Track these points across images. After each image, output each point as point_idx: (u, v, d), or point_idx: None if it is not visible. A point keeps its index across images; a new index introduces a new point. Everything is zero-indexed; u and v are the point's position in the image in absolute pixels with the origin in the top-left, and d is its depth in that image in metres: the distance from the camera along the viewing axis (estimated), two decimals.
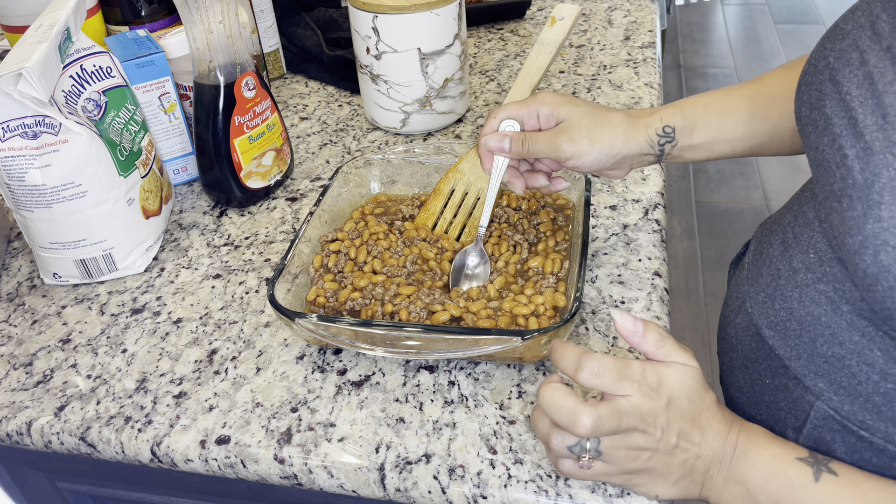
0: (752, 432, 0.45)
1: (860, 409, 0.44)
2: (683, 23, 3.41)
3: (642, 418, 0.42)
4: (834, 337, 0.45)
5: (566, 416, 0.42)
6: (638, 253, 0.66)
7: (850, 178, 0.40)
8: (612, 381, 0.42)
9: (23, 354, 0.61)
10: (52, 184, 0.61)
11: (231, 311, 0.63)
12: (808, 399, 0.47)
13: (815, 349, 0.46)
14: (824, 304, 0.45)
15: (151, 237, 0.69)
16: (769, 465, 0.43)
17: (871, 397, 0.43)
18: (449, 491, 0.48)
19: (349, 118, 0.92)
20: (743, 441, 0.44)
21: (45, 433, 0.54)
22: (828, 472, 0.43)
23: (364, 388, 0.55)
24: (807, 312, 0.46)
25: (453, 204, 0.68)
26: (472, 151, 0.68)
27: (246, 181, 0.74)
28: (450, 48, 0.81)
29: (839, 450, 0.46)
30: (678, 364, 0.44)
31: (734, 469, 0.44)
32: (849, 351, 0.44)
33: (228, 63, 0.70)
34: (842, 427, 0.45)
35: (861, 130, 0.39)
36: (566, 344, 0.45)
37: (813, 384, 0.46)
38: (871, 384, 0.43)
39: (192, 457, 0.52)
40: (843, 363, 0.44)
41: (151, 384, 0.57)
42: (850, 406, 0.44)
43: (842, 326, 0.44)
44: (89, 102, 0.65)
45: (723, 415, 0.45)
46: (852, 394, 0.44)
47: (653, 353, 0.45)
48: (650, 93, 0.91)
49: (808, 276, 0.46)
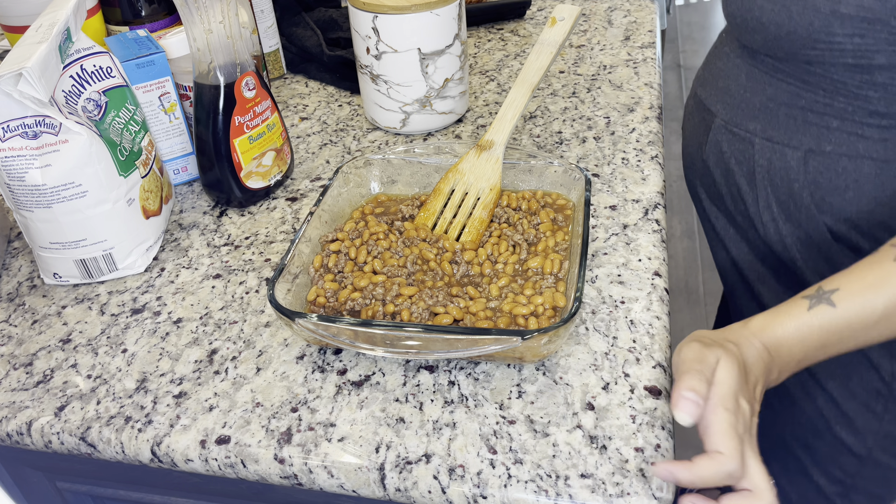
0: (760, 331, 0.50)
1: (734, 115, 0.70)
2: (683, 23, 3.41)
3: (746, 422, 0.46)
4: (726, 75, 0.72)
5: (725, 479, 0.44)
6: (638, 253, 0.66)
7: None
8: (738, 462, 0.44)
9: (23, 354, 0.61)
10: (53, 184, 0.61)
11: (231, 311, 0.63)
12: (711, 119, 0.74)
13: (716, 86, 0.73)
14: (723, 59, 0.73)
15: (151, 237, 0.69)
16: (799, 336, 0.50)
17: (739, 105, 0.69)
18: (449, 491, 0.48)
19: (349, 118, 0.92)
20: (766, 343, 0.50)
21: (45, 433, 0.54)
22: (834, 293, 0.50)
23: (364, 388, 0.55)
24: (716, 67, 0.75)
25: (453, 204, 0.68)
26: (473, 151, 0.68)
27: (246, 181, 0.74)
28: (450, 48, 0.81)
29: (724, 146, 0.72)
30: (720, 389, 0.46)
31: (780, 363, 0.51)
32: (731, 81, 0.71)
33: (228, 63, 0.70)
34: (725, 130, 0.71)
35: None
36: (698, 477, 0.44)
37: (714, 108, 0.73)
38: (739, 97, 0.69)
39: (192, 457, 0.52)
40: (728, 90, 0.71)
41: (151, 384, 0.57)
42: (730, 114, 0.71)
43: (729, 67, 0.72)
44: (89, 102, 0.65)
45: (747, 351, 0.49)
46: (731, 106, 0.70)
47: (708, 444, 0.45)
48: (650, 93, 0.91)
49: (719, 45, 0.76)
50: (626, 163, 0.78)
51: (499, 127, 0.70)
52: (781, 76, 0.64)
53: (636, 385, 0.54)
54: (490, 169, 0.69)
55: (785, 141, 0.64)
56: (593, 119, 0.86)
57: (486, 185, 0.68)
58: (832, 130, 0.61)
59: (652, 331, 0.58)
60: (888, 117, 0.59)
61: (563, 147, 0.82)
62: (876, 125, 0.59)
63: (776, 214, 0.68)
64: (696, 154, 0.78)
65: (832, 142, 0.61)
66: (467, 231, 0.66)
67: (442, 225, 0.67)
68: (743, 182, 0.70)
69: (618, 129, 0.84)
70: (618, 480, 0.48)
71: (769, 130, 0.65)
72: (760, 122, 0.66)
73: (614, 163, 0.78)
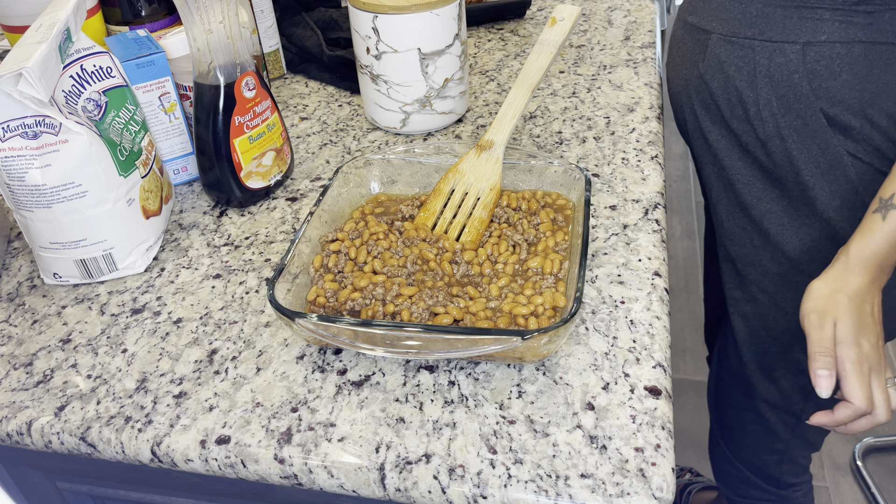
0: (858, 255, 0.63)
1: (731, 26, 0.75)
2: None
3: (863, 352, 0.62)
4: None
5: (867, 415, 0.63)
6: (638, 253, 0.66)
7: None
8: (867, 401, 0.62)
9: (23, 354, 0.61)
10: (53, 184, 0.61)
11: (231, 311, 0.63)
12: (707, 37, 0.79)
13: (710, 6, 0.78)
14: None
15: (151, 237, 0.69)
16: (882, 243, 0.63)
17: (735, 17, 0.75)
18: (449, 491, 0.48)
19: (349, 118, 0.92)
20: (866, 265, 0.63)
21: (45, 433, 0.54)
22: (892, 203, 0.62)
23: (364, 388, 0.55)
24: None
25: (453, 204, 0.68)
26: (473, 152, 0.68)
27: (246, 181, 0.74)
28: (450, 48, 0.81)
29: (723, 56, 0.77)
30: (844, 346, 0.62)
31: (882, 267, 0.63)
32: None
33: (228, 63, 0.70)
34: (724, 41, 0.76)
35: None
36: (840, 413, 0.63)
37: (710, 26, 0.78)
38: (735, 9, 0.75)
39: (192, 457, 0.52)
40: (723, 7, 0.76)
41: (151, 384, 0.57)
42: (727, 27, 0.76)
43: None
44: (89, 102, 0.65)
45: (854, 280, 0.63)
46: (727, 20, 0.76)
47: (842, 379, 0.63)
48: (650, 93, 0.91)
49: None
50: (626, 163, 0.78)
51: (499, 127, 0.70)
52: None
53: (636, 385, 0.54)
54: (490, 169, 0.69)
55: (783, 38, 0.71)
56: (593, 119, 0.86)
57: (486, 186, 0.68)
58: (825, 21, 0.69)
59: (652, 331, 0.58)
60: (871, 3, 0.67)
61: (563, 147, 0.82)
62: (862, 11, 0.67)
63: (775, 109, 0.73)
64: (691, 73, 0.83)
65: (825, 31, 0.69)
66: (467, 231, 0.66)
67: (442, 225, 0.67)
68: (743, 85, 0.75)
69: (618, 129, 0.84)
70: (618, 480, 0.48)
71: (767, 32, 0.72)
72: (758, 26, 0.72)
73: (614, 163, 0.78)
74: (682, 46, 0.86)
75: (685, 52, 0.85)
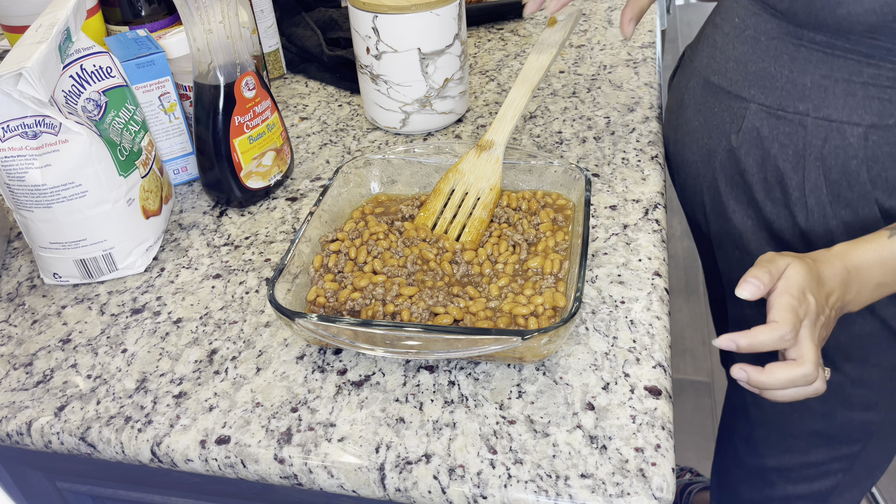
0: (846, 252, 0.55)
1: (777, 97, 0.65)
2: (683, 23, 3.41)
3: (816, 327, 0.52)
4: (758, 58, 0.67)
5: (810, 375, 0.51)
6: (638, 253, 0.66)
7: None
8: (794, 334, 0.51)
9: (23, 354, 0.61)
10: (52, 184, 0.61)
11: (231, 311, 0.63)
12: (744, 106, 0.68)
13: (747, 71, 0.68)
14: (749, 43, 0.68)
15: (151, 237, 0.69)
16: (879, 258, 0.55)
17: (783, 87, 0.65)
18: (449, 491, 0.48)
19: (349, 118, 0.92)
20: (848, 262, 0.55)
21: (45, 433, 0.54)
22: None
23: (364, 388, 0.55)
24: (738, 52, 0.69)
25: (453, 204, 0.68)
26: (473, 152, 0.68)
27: (246, 181, 0.74)
28: (450, 48, 0.81)
29: (764, 130, 0.67)
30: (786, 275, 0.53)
31: (859, 283, 0.55)
32: (768, 63, 0.66)
33: (228, 63, 0.70)
34: (767, 114, 0.66)
35: None
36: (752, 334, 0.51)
37: (747, 94, 0.68)
38: (783, 78, 0.65)
39: (192, 457, 0.52)
40: (766, 72, 0.66)
41: (151, 384, 0.57)
42: (771, 98, 0.66)
43: (762, 50, 0.66)
44: (89, 102, 0.65)
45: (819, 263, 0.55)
46: (772, 89, 0.66)
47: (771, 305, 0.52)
48: (650, 93, 0.91)
49: (736, 32, 0.69)
50: (626, 163, 0.78)
51: (499, 127, 0.70)
52: (839, 52, 0.61)
53: (636, 385, 0.54)
54: (490, 169, 0.69)
55: (844, 118, 0.62)
56: (593, 119, 0.86)
57: (486, 186, 0.68)
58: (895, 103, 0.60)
59: (652, 331, 0.58)
60: None
61: (563, 147, 0.82)
62: None
63: (824, 196, 0.65)
64: (718, 144, 0.73)
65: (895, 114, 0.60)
66: (467, 231, 0.66)
67: (442, 225, 0.67)
68: (787, 167, 0.66)
69: (618, 129, 0.84)
70: (618, 480, 0.47)
71: (824, 109, 0.63)
72: (813, 101, 0.63)
73: (614, 163, 0.78)
74: (703, 110, 0.74)
75: (709, 118, 0.73)
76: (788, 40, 0.64)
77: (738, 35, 0.69)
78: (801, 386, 0.52)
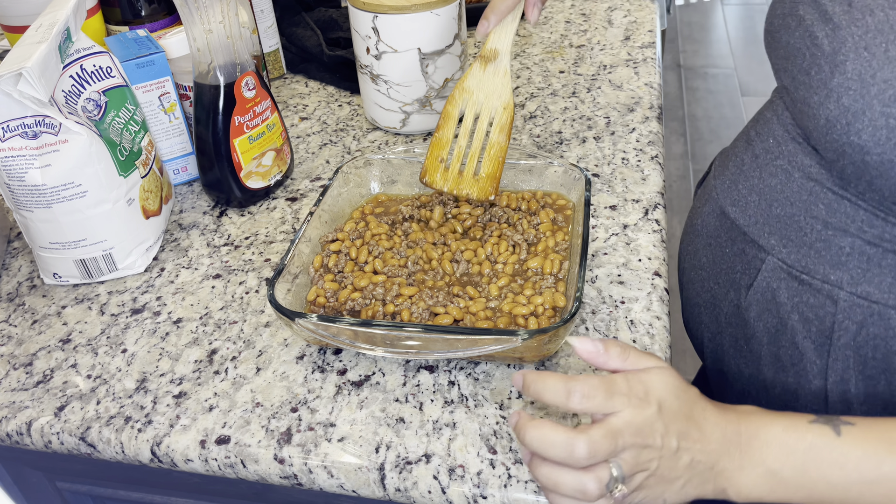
0: (751, 413, 0.44)
1: (804, 256, 0.52)
2: (683, 23, 3.41)
3: (639, 431, 0.41)
4: (787, 199, 0.53)
5: (561, 451, 0.40)
6: (638, 253, 0.66)
7: (819, 51, 0.47)
8: (602, 400, 0.41)
9: (23, 354, 0.61)
10: (52, 184, 0.61)
11: (231, 311, 0.63)
12: (760, 257, 0.55)
13: (770, 213, 0.54)
14: (780, 176, 0.54)
15: (151, 237, 0.69)
16: (785, 438, 0.43)
17: (813, 245, 0.51)
18: (449, 491, 0.48)
19: (349, 118, 0.92)
20: (745, 424, 0.44)
21: (45, 433, 0.54)
22: (845, 425, 0.43)
23: (364, 388, 0.55)
24: (765, 185, 0.55)
25: (466, 130, 0.62)
26: (477, 64, 0.62)
27: (246, 181, 0.74)
28: (450, 48, 0.81)
29: (783, 296, 0.53)
30: (653, 368, 0.44)
31: (747, 454, 0.43)
32: (798, 209, 0.52)
33: (228, 63, 0.70)
34: (787, 275, 0.53)
35: (830, 16, 0.47)
36: (540, 373, 0.43)
37: (766, 242, 0.54)
38: (815, 233, 0.51)
39: (192, 457, 0.52)
40: (793, 220, 0.52)
41: (151, 384, 0.57)
42: (795, 255, 0.52)
43: (793, 190, 0.52)
44: (89, 102, 0.65)
45: (713, 405, 0.44)
46: (798, 244, 0.52)
47: (621, 367, 0.44)
48: (650, 93, 0.91)
49: (767, 157, 0.55)
50: (626, 163, 0.78)
51: (500, 32, 0.63)
52: (893, 218, 0.47)
53: None
54: (500, 83, 0.62)
55: (891, 301, 0.48)
56: (593, 119, 0.86)
57: (498, 104, 0.61)
58: None
59: (652, 331, 0.58)
60: None
61: (563, 147, 0.82)
62: None
63: (851, 391, 0.52)
64: (724, 294, 0.59)
65: None
66: (485, 162, 0.61)
67: (458, 156, 0.61)
68: (807, 344, 0.53)
69: (618, 129, 0.84)
70: None
71: (864, 285, 0.49)
72: (850, 271, 0.49)
73: (614, 163, 0.78)
74: (714, 246, 0.60)
75: (718, 259, 0.60)
76: (829, 186, 0.49)
77: (770, 162, 0.55)
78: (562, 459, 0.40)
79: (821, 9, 0.48)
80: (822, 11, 0.48)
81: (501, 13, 0.61)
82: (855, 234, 0.49)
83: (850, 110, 0.45)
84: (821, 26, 0.47)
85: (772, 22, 0.54)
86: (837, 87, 0.45)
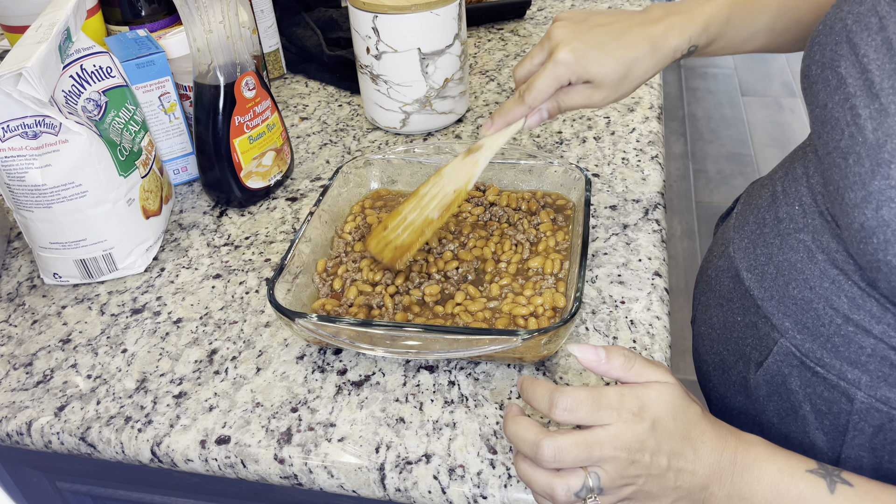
0: (752, 444, 0.43)
1: (820, 348, 0.47)
2: None
3: (626, 446, 0.40)
4: (806, 282, 0.48)
5: (529, 449, 0.41)
6: (638, 253, 0.66)
7: (861, 136, 0.41)
8: (587, 413, 0.41)
9: (23, 354, 0.61)
10: (52, 184, 0.61)
11: (231, 311, 0.63)
12: (773, 336, 0.51)
13: (787, 292, 0.49)
14: (802, 252, 0.49)
15: (151, 237, 0.69)
16: (778, 480, 0.42)
17: (831, 338, 0.47)
18: (449, 491, 0.48)
19: (349, 118, 0.92)
20: (743, 455, 0.43)
21: (45, 433, 0.54)
22: (842, 483, 0.42)
23: (364, 388, 0.55)
24: (785, 258, 0.50)
25: (418, 205, 0.62)
26: (461, 155, 0.62)
27: (246, 181, 0.74)
28: (450, 48, 0.81)
29: (794, 384, 0.50)
30: (655, 383, 0.42)
31: (737, 485, 0.42)
32: (818, 295, 0.47)
33: (228, 63, 0.70)
34: (800, 363, 0.49)
35: (877, 92, 0.40)
36: (535, 380, 0.43)
37: (780, 323, 0.50)
38: (834, 326, 0.46)
39: (192, 457, 0.52)
40: (811, 306, 0.48)
41: (151, 384, 0.57)
42: (811, 345, 0.48)
43: (815, 273, 0.48)
44: (89, 102, 0.65)
45: (714, 428, 0.43)
46: (815, 334, 0.48)
47: (624, 376, 0.43)
48: (650, 93, 0.91)
49: (791, 226, 0.50)
50: (626, 163, 0.78)
51: (498, 135, 0.62)
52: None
53: None
54: (465, 171, 0.61)
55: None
56: (593, 119, 0.86)
57: (451, 187, 0.61)
58: None
59: (652, 331, 0.58)
60: None
61: (563, 147, 0.82)
62: None
63: (863, 466, 0.49)
64: (734, 366, 0.56)
65: None
66: (408, 231, 0.61)
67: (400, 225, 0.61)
68: (818, 435, 0.50)
69: (618, 129, 0.84)
70: None
71: (885, 390, 0.45)
72: (869, 373, 0.45)
73: (614, 163, 0.78)
74: (726, 308, 0.57)
75: (729, 324, 0.57)
76: (855, 280, 0.45)
77: (792, 234, 0.50)
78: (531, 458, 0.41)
79: (866, 76, 0.41)
80: (867, 80, 0.41)
81: (507, 122, 0.60)
82: (879, 336, 0.44)
83: (891, 227, 0.39)
84: (865, 101, 0.41)
85: (809, 67, 0.47)
86: (878, 194, 0.39)
